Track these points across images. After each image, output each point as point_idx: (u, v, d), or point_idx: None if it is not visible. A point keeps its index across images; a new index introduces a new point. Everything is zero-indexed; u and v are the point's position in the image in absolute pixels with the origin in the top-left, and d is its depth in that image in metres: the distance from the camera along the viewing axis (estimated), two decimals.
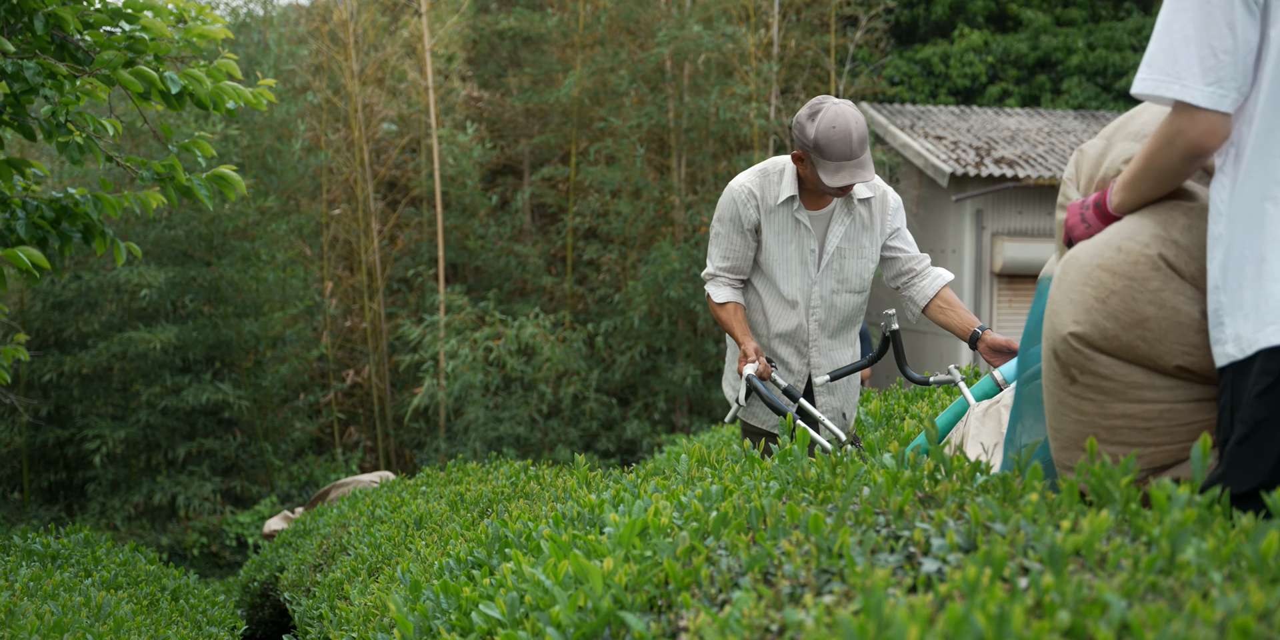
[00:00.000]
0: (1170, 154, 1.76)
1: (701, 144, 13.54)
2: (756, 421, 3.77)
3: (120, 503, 11.37)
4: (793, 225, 3.60)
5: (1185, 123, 1.72)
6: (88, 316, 11.81)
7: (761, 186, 3.60)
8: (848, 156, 3.36)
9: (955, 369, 3.46)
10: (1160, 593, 1.18)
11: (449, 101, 14.24)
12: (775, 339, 3.69)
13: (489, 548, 2.25)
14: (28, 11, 4.19)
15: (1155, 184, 1.82)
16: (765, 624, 1.25)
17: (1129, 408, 1.84)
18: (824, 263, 3.64)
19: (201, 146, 4.63)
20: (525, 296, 14.19)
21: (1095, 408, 1.86)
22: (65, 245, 4.60)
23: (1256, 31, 1.71)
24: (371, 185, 13.50)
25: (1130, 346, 1.83)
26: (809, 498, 1.77)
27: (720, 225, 3.65)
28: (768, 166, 3.64)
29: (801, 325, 3.67)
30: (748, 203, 3.58)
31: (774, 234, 3.61)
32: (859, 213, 3.63)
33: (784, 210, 3.59)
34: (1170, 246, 1.82)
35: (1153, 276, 1.81)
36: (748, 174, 3.64)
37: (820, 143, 3.35)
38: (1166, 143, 1.76)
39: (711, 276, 3.70)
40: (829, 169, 3.36)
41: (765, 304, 3.71)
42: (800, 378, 3.72)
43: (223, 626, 4.21)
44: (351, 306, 13.85)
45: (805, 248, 3.62)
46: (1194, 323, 1.80)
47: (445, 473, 4.78)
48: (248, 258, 11.90)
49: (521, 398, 12.51)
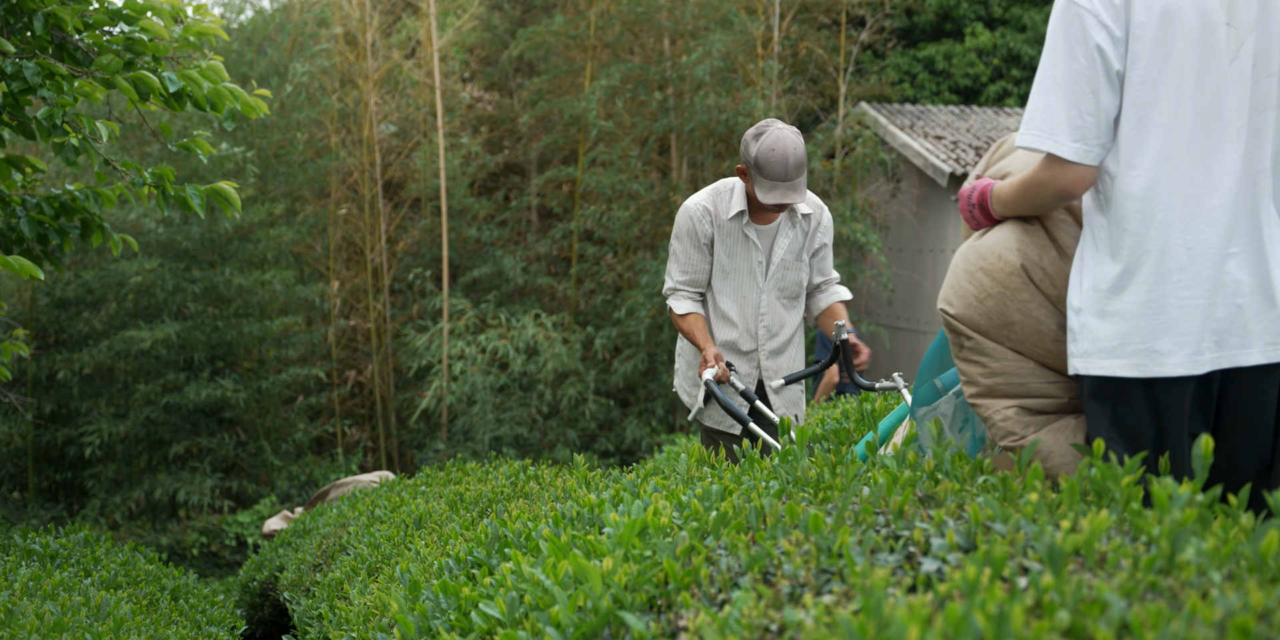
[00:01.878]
0: (1042, 194, 2.14)
1: (703, 144, 13.54)
2: (713, 423, 4.06)
3: (121, 500, 11.37)
4: (742, 238, 3.96)
5: (1057, 172, 2.07)
6: (89, 316, 11.82)
7: (714, 203, 3.95)
8: (783, 178, 3.72)
9: (898, 376, 3.74)
10: (1160, 592, 1.18)
11: (454, 102, 14.23)
12: (727, 345, 4.01)
13: (488, 548, 2.25)
14: (27, 11, 4.19)
15: (1028, 210, 2.21)
16: (765, 624, 1.25)
17: (1007, 365, 2.22)
18: (770, 272, 4.00)
19: (201, 145, 4.63)
20: (525, 297, 14.18)
21: (979, 368, 2.25)
22: (65, 241, 4.62)
23: (1116, 97, 2.04)
24: (380, 186, 13.50)
25: (1000, 338, 2.22)
26: (809, 498, 1.77)
27: (678, 242, 4.00)
28: (719, 186, 4.00)
29: (751, 332, 4.02)
30: (703, 218, 3.94)
31: (726, 247, 3.97)
32: (801, 227, 4.01)
33: (734, 224, 3.94)
34: (1039, 271, 2.19)
35: (1022, 289, 2.18)
36: (701, 194, 4.01)
37: (759, 162, 3.72)
38: (1040, 186, 2.12)
39: (673, 291, 4.04)
40: (765, 186, 3.73)
41: (718, 312, 4.04)
42: (751, 381, 4.04)
43: (222, 626, 4.21)
44: (355, 306, 13.84)
45: (754, 259, 3.97)
46: (1052, 333, 2.17)
47: (445, 473, 4.78)
48: (251, 261, 11.91)
49: (521, 399, 12.51)
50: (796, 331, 4.12)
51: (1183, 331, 2.02)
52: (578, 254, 14.10)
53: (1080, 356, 2.09)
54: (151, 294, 11.57)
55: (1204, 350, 2.03)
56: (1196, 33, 2.02)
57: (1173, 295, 2.02)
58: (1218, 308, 2.04)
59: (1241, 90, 2.04)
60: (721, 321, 4.03)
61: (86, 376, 11.77)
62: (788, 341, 4.08)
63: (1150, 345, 2.03)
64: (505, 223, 15.16)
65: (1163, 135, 2.04)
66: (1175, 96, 2.03)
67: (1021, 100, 18.26)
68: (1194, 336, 2.02)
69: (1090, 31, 2.03)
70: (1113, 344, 2.05)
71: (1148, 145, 2.04)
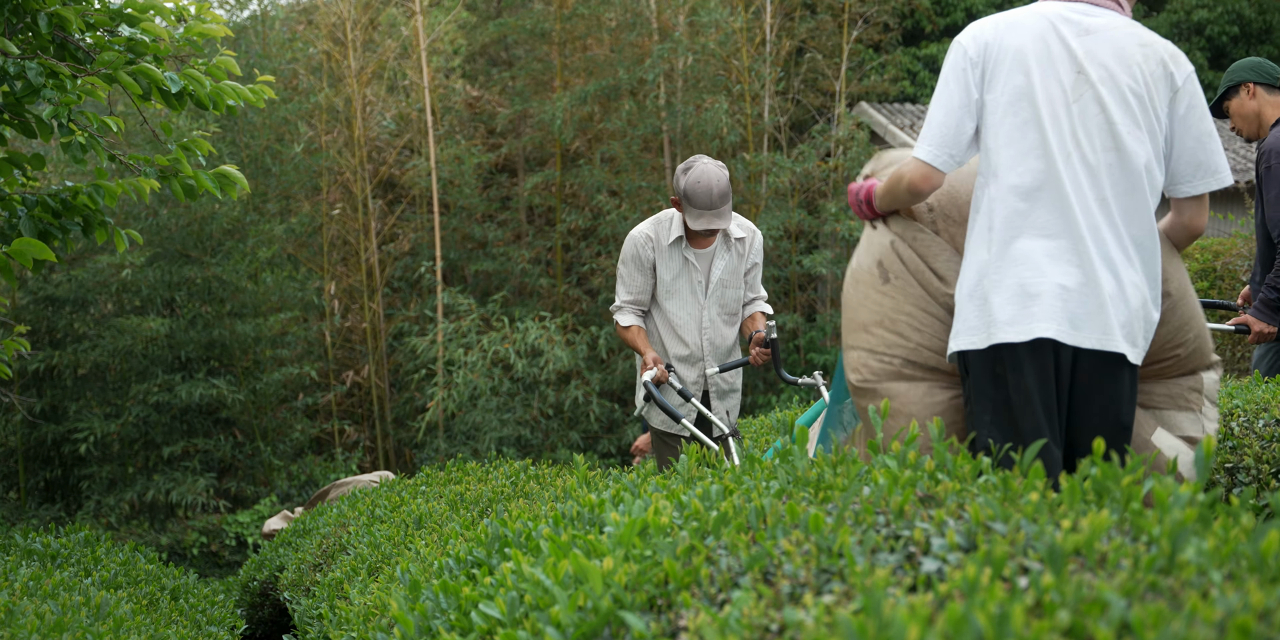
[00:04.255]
0: (898, 187, 2.61)
1: (695, 146, 13.52)
2: (655, 422, 4.56)
3: (115, 501, 11.35)
4: (682, 261, 4.47)
5: (910, 169, 2.56)
6: (81, 314, 11.79)
7: (656, 232, 4.47)
8: (708, 206, 4.24)
9: (819, 374, 4.17)
10: (1160, 592, 1.18)
11: (447, 101, 14.21)
12: (674, 358, 4.51)
13: (489, 547, 2.24)
14: (30, 12, 4.19)
15: (891, 203, 2.67)
16: (765, 623, 1.25)
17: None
18: (709, 291, 4.50)
19: (200, 145, 4.64)
20: (524, 298, 14.16)
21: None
22: (66, 238, 4.61)
23: (972, 121, 2.54)
24: (370, 185, 13.47)
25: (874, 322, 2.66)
26: (809, 497, 1.77)
27: (624, 266, 4.51)
28: (660, 216, 4.53)
29: (696, 344, 4.52)
30: (645, 245, 4.45)
31: (668, 269, 4.47)
32: (736, 249, 4.51)
33: (674, 249, 4.46)
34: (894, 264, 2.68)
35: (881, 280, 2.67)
36: (645, 223, 4.53)
37: (688, 193, 4.23)
38: (897, 180, 2.60)
39: (618, 308, 4.54)
40: (694, 214, 4.26)
41: (664, 328, 4.55)
42: (698, 389, 4.54)
43: (222, 626, 4.21)
44: (351, 306, 13.82)
45: (694, 279, 4.48)
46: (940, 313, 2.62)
47: (445, 472, 4.78)
48: (243, 257, 11.86)
49: (524, 399, 12.50)
50: (735, 343, 4.66)
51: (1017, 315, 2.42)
52: (576, 254, 14.08)
53: (954, 335, 2.52)
54: (139, 291, 11.52)
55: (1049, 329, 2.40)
56: (1044, 72, 2.48)
57: (1016, 287, 2.43)
58: (1054, 301, 2.40)
59: (1078, 127, 2.47)
60: (670, 336, 4.53)
61: (80, 376, 11.75)
62: (729, 352, 4.60)
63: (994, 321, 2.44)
64: (505, 223, 15.14)
65: (1008, 152, 2.49)
66: (1019, 122, 2.48)
67: None
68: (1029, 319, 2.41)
69: (960, 63, 2.55)
70: (974, 324, 2.48)
71: (997, 162, 2.50)
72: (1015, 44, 2.51)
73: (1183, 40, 18.24)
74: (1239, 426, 3.02)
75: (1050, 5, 2.58)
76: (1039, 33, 2.52)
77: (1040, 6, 2.59)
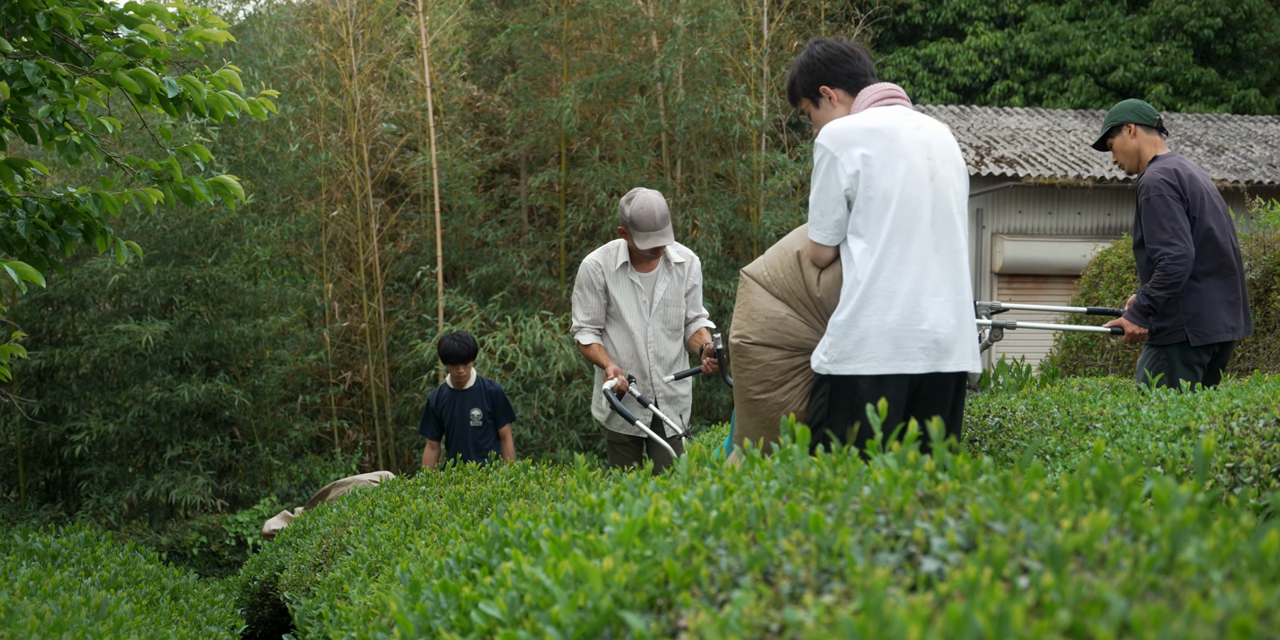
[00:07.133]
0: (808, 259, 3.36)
1: (697, 144, 13.51)
2: (616, 427, 5.21)
3: (115, 501, 11.33)
4: (629, 284, 5.16)
5: (812, 247, 3.32)
6: (80, 314, 11.77)
7: (605, 259, 5.17)
8: (653, 228, 4.93)
9: None
10: (1160, 592, 1.18)
11: (449, 101, 14.19)
12: (623, 368, 5.13)
13: (489, 547, 2.24)
14: (29, 12, 4.18)
15: None
16: (765, 623, 1.25)
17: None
18: (654, 309, 5.17)
19: (200, 151, 4.62)
20: (525, 299, 14.14)
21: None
22: (66, 244, 4.58)
23: (845, 208, 3.21)
24: (370, 185, 13.45)
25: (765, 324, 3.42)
26: (809, 497, 1.76)
27: (580, 291, 5.19)
28: (610, 246, 5.22)
29: (643, 355, 5.18)
30: (597, 271, 5.15)
31: (619, 291, 5.14)
32: (676, 273, 5.18)
33: (622, 273, 5.14)
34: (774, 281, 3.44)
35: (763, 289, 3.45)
36: (597, 252, 5.22)
37: (634, 219, 4.91)
38: (809, 255, 3.36)
39: (578, 329, 5.19)
40: (640, 236, 4.95)
41: (617, 343, 5.20)
42: (649, 396, 5.20)
43: (222, 626, 4.21)
44: (350, 306, 13.80)
45: (639, 299, 5.16)
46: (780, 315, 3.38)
47: (445, 472, 4.78)
48: (241, 257, 11.83)
49: (523, 399, 12.49)
50: (680, 355, 5.31)
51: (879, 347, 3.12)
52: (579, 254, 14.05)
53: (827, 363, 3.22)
54: (138, 292, 11.50)
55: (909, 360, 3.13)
56: (909, 160, 3.15)
57: (879, 323, 3.13)
58: (918, 334, 3.12)
59: (935, 199, 3.18)
60: (619, 350, 5.18)
61: (79, 375, 11.72)
62: (673, 363, 5.25)
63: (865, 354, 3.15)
64: (505, 222, 15.12)
65: (883, 225, 3.14)
66: (891, 202, 3.13)
67: (1026, 99, 18.24)
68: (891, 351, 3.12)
69: (832, 167, 3.19)
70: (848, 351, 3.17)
71: (875, 232, 3.15)
72: None
73: (1167, 39, 18.19)
74: (1239, 426, 3.02)
75: None
76: None
77: None
